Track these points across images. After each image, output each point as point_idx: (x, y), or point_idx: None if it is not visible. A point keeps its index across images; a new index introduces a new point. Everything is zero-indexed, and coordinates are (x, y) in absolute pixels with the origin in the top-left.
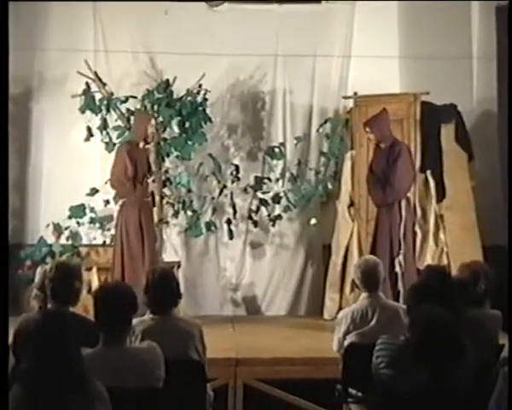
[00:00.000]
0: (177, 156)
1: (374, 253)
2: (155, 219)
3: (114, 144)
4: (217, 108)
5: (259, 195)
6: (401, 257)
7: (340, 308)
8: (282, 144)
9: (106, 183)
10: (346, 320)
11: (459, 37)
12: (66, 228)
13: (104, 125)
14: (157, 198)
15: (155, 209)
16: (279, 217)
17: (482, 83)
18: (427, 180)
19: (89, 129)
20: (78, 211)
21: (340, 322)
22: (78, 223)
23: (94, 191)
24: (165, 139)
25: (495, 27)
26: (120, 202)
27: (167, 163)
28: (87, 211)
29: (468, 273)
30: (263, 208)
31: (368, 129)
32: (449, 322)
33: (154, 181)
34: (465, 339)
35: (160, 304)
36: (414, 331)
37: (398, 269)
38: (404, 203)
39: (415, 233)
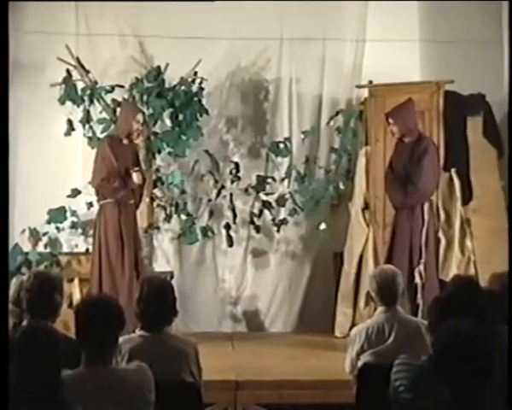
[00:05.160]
0: (169, 153)
1: (391, 261)
2: (144, 223)
3: (99, 139)
4: (214, 99)
5: (262, 196)
6: (421, 267)
7: (354, 324)
8: (288, 139)
9: (89, 183)
10: (360, 338)
11: (487, 18)
12: (45, 234)
13: (87, 118)
14: (147, 200)
15: (144, 213)
16: (284, 221)
17: None
18: (451, 180)
19: (70, 122)
20: (57, 215)
21: (353, 340)
22: (57, 228)
23: (75, 193)
24: (155, 134)
25: None
26: (99, 203)
27: (158, 161)
28: (68, 215)
29: (498, 285)
30: (266, 212)
31: (391, 120)
32: (478, 339)
33: (139, 172)
34: (495, 358)
35: (152, 320)
36: (438, 350)
37: (417, 280)
38: (426, 206)
39: (438, 240)
